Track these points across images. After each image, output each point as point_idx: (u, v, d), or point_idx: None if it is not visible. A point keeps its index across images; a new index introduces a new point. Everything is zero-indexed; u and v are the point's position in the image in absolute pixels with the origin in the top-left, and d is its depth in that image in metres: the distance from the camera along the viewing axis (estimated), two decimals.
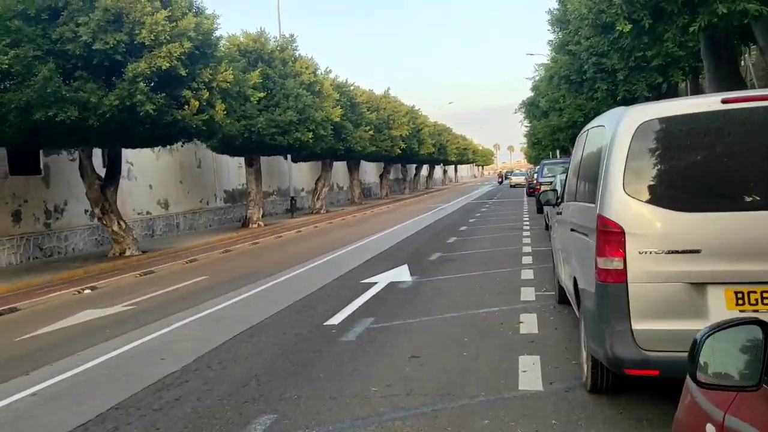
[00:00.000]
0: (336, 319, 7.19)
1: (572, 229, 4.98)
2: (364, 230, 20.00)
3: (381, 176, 48.60)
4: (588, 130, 5.21)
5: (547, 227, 14.48)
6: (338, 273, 10.98)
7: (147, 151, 21.03)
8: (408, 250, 13.87)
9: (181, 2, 14.66)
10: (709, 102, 3.69)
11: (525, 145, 76.67)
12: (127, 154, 20.12)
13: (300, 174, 35.31)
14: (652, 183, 3.71)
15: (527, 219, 20.00)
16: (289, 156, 28.68)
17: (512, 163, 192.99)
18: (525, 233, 15.68)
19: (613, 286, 3.66)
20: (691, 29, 6.78)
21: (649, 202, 3.66)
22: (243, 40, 23.20)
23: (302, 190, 36.20)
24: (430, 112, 65.95)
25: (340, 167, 40.14)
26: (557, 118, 26.48)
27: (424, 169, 70.06)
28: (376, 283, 9.57)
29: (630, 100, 17.11)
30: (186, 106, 14.54)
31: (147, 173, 22.36)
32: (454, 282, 9.37)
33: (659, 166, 3.70)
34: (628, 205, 3.67)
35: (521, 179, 55.82)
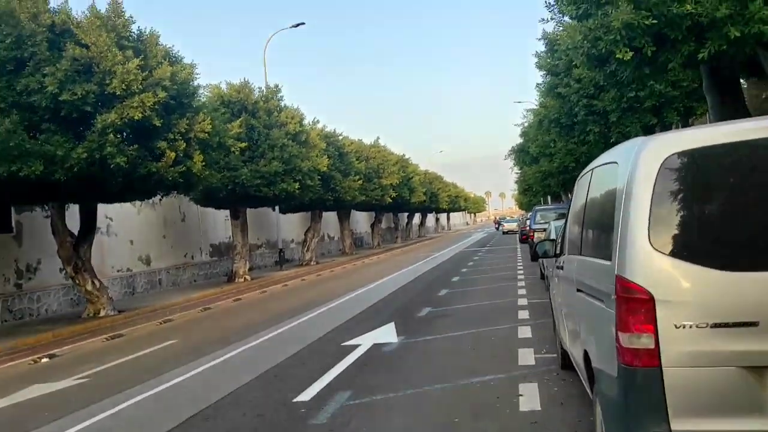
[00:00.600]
0: (308, 394, 6.22)
1: (579, 290, 4.11)
2: (353, 283, 19.09)
3: (372, 225, 47.91)
4: (593, 169, 4.37)
5: (543, 276, 13.66)
6: (319, 334, 10.04)
7: (128, 205, 20.21)
8: (396, 304, 12.95)
9: (156, 51, 14.17)
10: (756, 127, 2.88)
11: (516, 192, 76.85)
12: (107, 209, 19.34)
13: (289, 225, 34.51)
14: (686, 234, 2.86)
15: (521, 267, 19.17)
16: (276, 207, 28.00)
17: (504, 210, 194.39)
18: (520, 283, 14.85)
19: (643, 371, 2.77)
20: (700, 56, 6.12)
21: (683, 258, 2.80)
22: (226, 90, 22.77)
23: (292, 241, 35.33)
24: (421, 161, 66.17)
25: (330, 217, 39.42)
26: (548, 164, 26.09)
27: (416, 218, 69.53)
28: (358, 345, 8.63)
29: None
30: (162, 158, 13.84)
31: (128, 228, 21.47)
32: (445, 343, 8.44)
33: (695, 212, 2.86)
34: (656, 263, 2.81)
35: (513, 226, 56.14)
